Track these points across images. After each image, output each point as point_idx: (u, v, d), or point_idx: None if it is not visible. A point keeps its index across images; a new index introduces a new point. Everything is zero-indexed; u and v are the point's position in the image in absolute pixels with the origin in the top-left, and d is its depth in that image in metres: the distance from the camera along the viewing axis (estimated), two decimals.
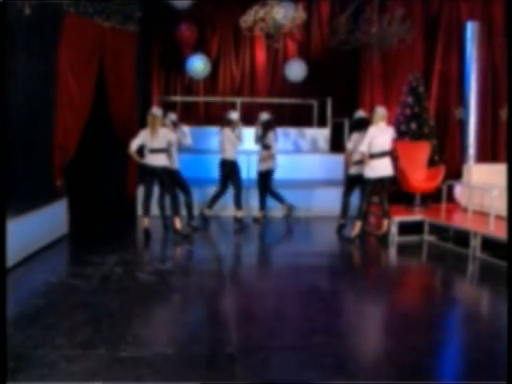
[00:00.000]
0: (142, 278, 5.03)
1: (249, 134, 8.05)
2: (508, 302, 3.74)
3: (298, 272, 5.46)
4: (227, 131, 7.35)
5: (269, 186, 7.78)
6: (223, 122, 7.51)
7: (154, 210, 7.11)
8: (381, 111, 6.68)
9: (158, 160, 6.62)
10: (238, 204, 7.47)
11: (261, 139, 7.64)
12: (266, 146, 7.57)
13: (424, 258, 6.39)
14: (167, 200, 7.02)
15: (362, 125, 6.96)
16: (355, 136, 7.04)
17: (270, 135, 7.56)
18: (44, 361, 3.29)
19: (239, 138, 7.44)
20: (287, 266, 5.73)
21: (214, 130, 10.38)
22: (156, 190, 7.03)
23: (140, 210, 7.47)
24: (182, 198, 7.21)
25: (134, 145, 6.61)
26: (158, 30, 10.36)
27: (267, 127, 7.59)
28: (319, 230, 7.63)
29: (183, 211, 7.22)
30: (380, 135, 6.59)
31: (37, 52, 6.50)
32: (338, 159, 9.15)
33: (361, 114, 7.29)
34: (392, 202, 7.34)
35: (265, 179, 7.70)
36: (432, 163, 8.52)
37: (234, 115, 7.52)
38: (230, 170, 7.44)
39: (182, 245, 6.56)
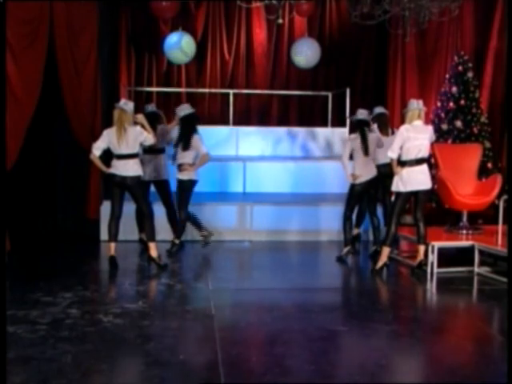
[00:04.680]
0: (105, 323, 4.99)
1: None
2: (508, 302, 4.00)
3: (307, 313, 5.44)
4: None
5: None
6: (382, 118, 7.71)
7: (125, 232, 7.13)
8: (416, 105, 6.71)
9: (128, 169, 6.64)
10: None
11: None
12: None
13: (474, 296, 6.37)
14: None
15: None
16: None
17: (196, 137, 7.41)
18: None
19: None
20: (293, 304, 5.73)
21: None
22: (128, 208, 7.08)
23: (105, 234, 7.44)
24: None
25: (98, 149, 6.65)
26: (128, 1, 10.43)
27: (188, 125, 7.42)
28: (334, 259, 7.56)
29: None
30: (415, 137, 6.61)
31: None
32: None
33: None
34: (430, 222, 7.33)
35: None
36: (484, 172, 8.52)
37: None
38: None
39: (158, 277, 6.54)
